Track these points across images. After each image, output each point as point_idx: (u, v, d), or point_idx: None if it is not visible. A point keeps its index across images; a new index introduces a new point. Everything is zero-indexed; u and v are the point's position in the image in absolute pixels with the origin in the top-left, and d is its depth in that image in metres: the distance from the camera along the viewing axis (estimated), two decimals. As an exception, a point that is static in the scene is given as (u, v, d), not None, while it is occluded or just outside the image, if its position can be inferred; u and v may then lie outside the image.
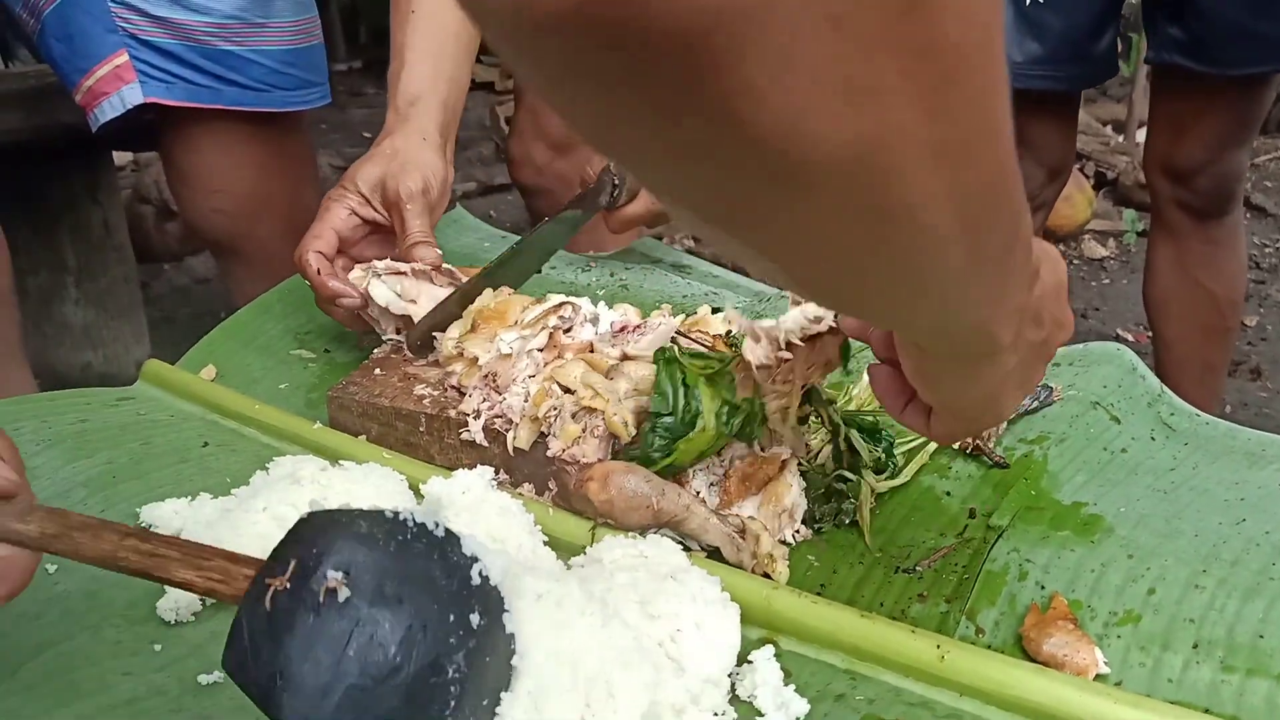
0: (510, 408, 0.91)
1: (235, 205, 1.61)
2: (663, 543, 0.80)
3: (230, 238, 1.67)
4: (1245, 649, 0.72)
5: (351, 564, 0.55)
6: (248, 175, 1.60)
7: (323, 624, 0.55)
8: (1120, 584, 0.79)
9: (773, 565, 0.80)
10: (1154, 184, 2.01)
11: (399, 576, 0.56)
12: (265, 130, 1.58)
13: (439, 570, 0.58)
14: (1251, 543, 0.81)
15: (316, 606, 0.55)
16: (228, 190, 1.60)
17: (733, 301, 1.23)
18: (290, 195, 1.64)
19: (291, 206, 1.61)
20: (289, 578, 0.56)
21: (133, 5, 1.44)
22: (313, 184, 1.72)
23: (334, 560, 0.55)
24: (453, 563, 0.58)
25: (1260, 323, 3.29)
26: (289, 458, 0.92)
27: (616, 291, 1.26)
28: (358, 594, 0.55)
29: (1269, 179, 4.31)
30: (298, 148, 1.68)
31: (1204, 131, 1.89)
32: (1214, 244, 2.01)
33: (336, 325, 1.21)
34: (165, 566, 0.63)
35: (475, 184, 4.14)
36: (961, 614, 0.79)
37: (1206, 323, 2.08)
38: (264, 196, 1.62)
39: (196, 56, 1.49)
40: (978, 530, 0.86)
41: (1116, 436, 0.95)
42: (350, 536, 0.57)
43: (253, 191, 1.61)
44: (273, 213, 1.63)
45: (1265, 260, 3.68)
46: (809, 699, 0.70)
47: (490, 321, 0.98)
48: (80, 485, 0.92)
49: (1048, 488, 0.90)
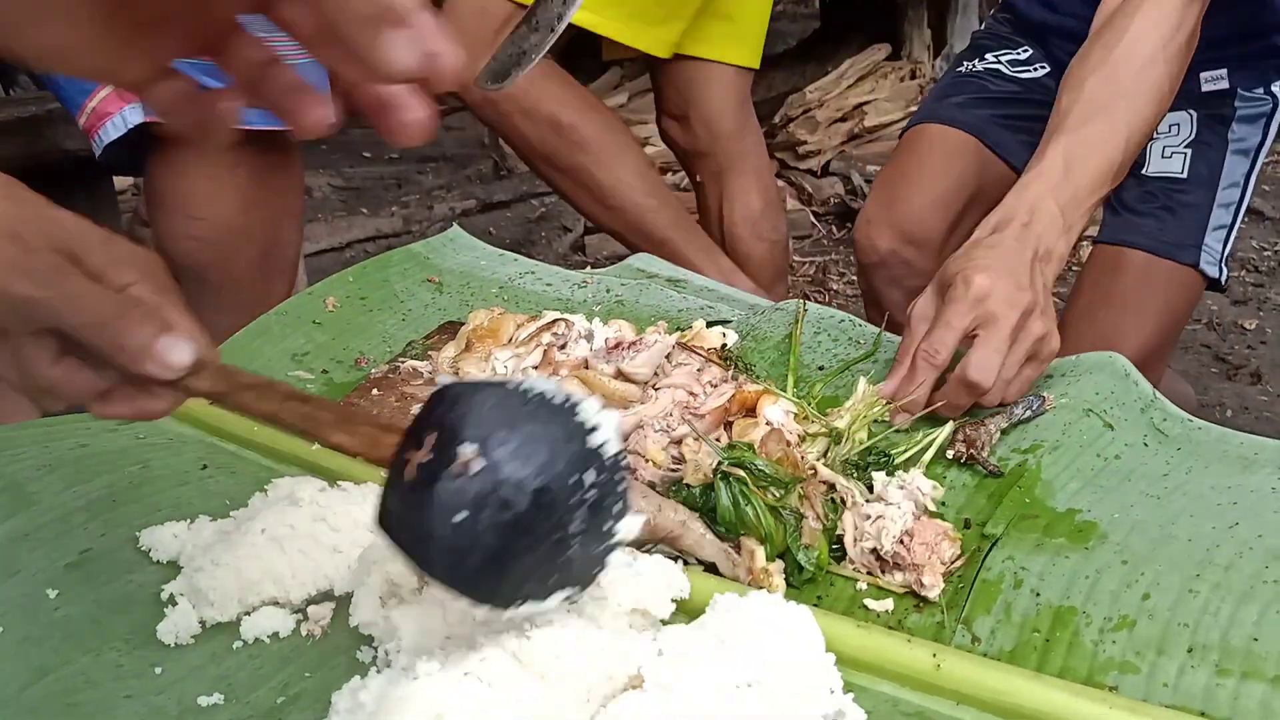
0: None
1: (213, 234, 1.56)
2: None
3: (202, 267, 1.60)
4: (1240, 652, 0.73)
5: (483, 436, 0.61)
6: (230, 204, 1.56)
7: (460, 492, 0.61)
8: (1115, 590, 0.79)
9: (768, 579, 0.81)
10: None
11: (526, 442, 0.62)
12: (255, 159, 1.56)
13: (560, 433, 0.63)
14: (1245, 547, 0.81)
15: (453, 477, 0.61)
16: (208, 218, 1.56)
17: (727, 315, 1.23)
18: (270, 229, 1.60)
19: (271, 241, 1.58)
20: (429, 450, 0.62)
21: None
22: (295, 220, 1.68)
23: (468, 433, 0.61)
24: (572, 426, 0.64)
25: (1260, 326, 3.29)
26: (287, 479, 0.92)
27: (612, 307, 1.27)
28: (489, 462, 0.61)
29: (1266, 183, 4.32)
30: (285, 180, 1.64)
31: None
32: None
33: (334, 346, 1.21)
34: (320, 427, 0.68)
35: (474, 201, 4.15)
36: (957, 623, 0.79)
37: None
38: (243, 228, 1.57)
39: (195, 72, 1.47)
40: (973, 539, 0.87)
41: (1110, 443, 0.95)
42: (481, 409, 0.62)
43: (232, 222, 1.56)
44: (250, 245, 1.58)
45: (1264, 264, 3.68)
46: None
47: (484, 340, 0.99)
48: (80, 509, 0.92)
49: (1042, 496, 0.90)
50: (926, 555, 0.82)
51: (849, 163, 4.40)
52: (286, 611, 0.81)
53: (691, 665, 0.67)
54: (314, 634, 0.80)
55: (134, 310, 0.68)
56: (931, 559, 0.82)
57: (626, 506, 0.66)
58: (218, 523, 0.88)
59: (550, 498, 0.63)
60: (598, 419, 0.65)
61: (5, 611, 0.80)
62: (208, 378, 0.69)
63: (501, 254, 1.44)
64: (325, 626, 0.80)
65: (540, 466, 0.62)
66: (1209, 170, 1.75)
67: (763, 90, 4.77)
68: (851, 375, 1.08)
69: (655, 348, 0.97)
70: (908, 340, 1.03)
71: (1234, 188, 1.77)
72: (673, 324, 1.17)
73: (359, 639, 0.78)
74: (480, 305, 1.24)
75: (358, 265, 1.37)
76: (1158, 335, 1.71)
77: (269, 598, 0.81)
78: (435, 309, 1.29)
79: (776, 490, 0.84)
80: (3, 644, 0.77)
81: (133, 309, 0.68)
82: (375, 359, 1.19)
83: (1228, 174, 1.76)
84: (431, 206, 4.01)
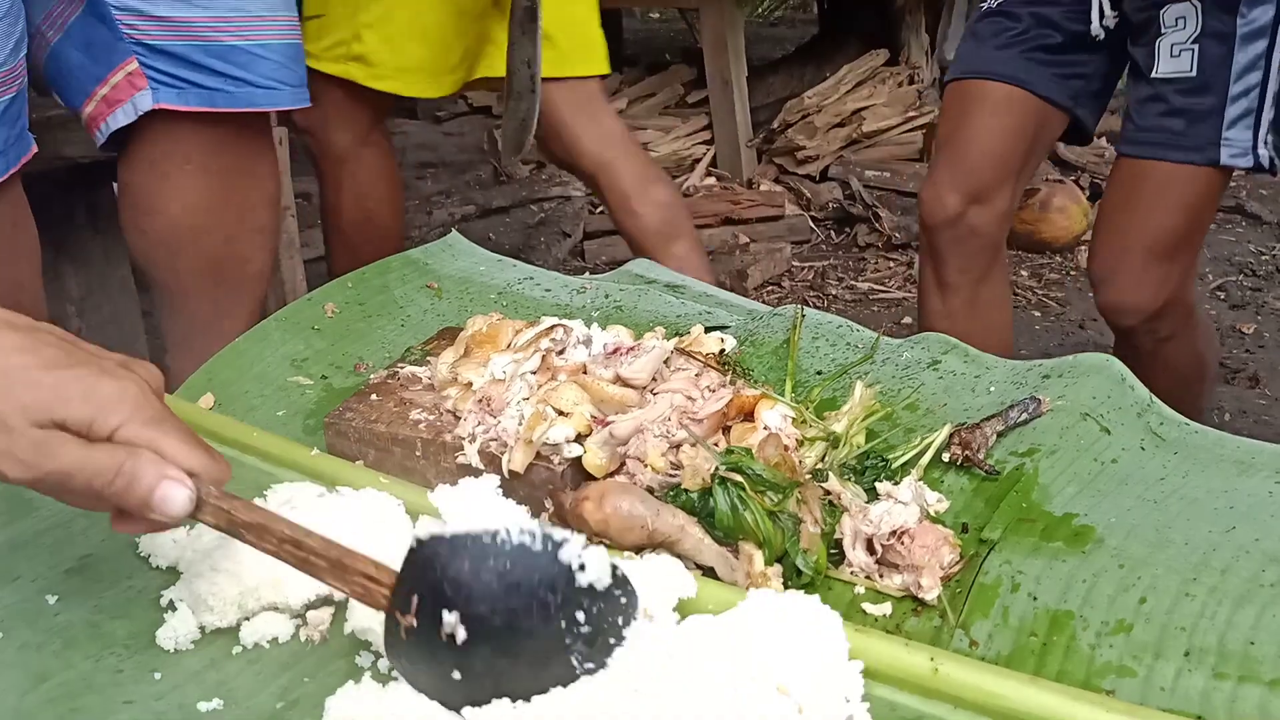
0: (505, 430, 0.92)
1: (159, 231, 1.51)
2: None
3: (150, 265, 1.57)
4: (1237, 656, 0.73)
5: (464, 601, 0.66)
6: (180, 203, 1.50)
7: (450, 654, 0.67)
8: (1112, 594, 0.79)
9: (766, 584, 0.81)
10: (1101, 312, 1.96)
11: (506, 599, 0.66)
12: (215, 158, 1.50)
13: (543, 580, 0.67)
14: (1242, 550, 0.81)
15: (440, 642, 0.66)
16: (155, 214, 1.52)
17: (726, 320, 1.24)
18: (222, 236, 1.52)
19: (222, 249, 1.52)
20: (414, 615, 0.68)
21: (134, 9, 1.41)
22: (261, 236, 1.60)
23: (448, 600, 0.66)
24: (557, 571, 0.67)
25: (1258, 330, 3.29)
26: (286, 485, 0.93)
27: (611, 313, 1.27)
28: (471, 630, 0.66)
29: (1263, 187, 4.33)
30: (250, 189, 1.57)
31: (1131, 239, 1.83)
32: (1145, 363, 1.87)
33: (333, 351, 1.22)
34: (317, 572, 0.74)
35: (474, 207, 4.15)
36: (955, 627, 0.80)
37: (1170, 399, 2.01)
38: (189, 230, 1.51)
39: (203, 56, 1.44)
40: (970, 544, 0.87)
41: (1107, 447, 0.96)
42: (461, 570, 0.66)
43: (178, 221, 1.51)
44: (196, 250, 1.52)
45: (1262, 268, 3.69)
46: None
47: (483, 346, 0.99)
48: (80, 515, 0.93)
49: (1039, 500, 0.91)
50: (926, 558, 0.82)
51: (847, 168, 4.41)
52: (286, 617, 0.81)
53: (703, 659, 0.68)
54: (313, 639, 0.80)
55: (127, 463, 0.71)
56: (931, 562, 0.82)
57: (630, 622, 0.70)
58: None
59: (540, 643, 0.67)
60: (583, 558, 0.67)
61: (5, 617, 0.81)
62: (209, 512, 0.74)
63: (500, 260, 1.45)
64: (324, 632, 0.80)
65: (528, 621, 0.66)
66: (1219, 63, 1.72)
67: (761, 95, 4.78)
68: (849, 380, 1.08)
69: (654, 353, 0.97)
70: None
71: (1253, 71, 1.73)
72: (671, 329, 1.17)
73: (357, 644, 0.78)
74: (479, 311, 1.25)
75: (357, 271, 1.37)
76: (1177, 233, 1.79)
77: (268, 603, 0.81)
78: (434, 315, 1.29)
79: (774, 495, 0.85)
80: (2, 650, 0.78)
81: (125, 462, 0.71)
82: (374, 364, 1.19)
83: (1240, 62, 1.73)
84: (430, 212, 4.01)
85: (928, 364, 1.11)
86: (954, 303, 1.98)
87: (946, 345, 1.13)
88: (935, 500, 0.90)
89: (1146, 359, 1.93)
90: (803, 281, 3.80)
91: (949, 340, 1.14)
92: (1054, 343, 3.24)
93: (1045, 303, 3.50)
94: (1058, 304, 3.58)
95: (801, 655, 0.69)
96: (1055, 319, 3.47)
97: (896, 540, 0.84)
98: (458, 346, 1.01)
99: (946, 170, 1.93)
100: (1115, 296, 1.87)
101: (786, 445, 0.89)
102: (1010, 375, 1.07)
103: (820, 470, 0.92)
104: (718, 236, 4.05)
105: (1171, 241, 1.80)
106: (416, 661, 0.69)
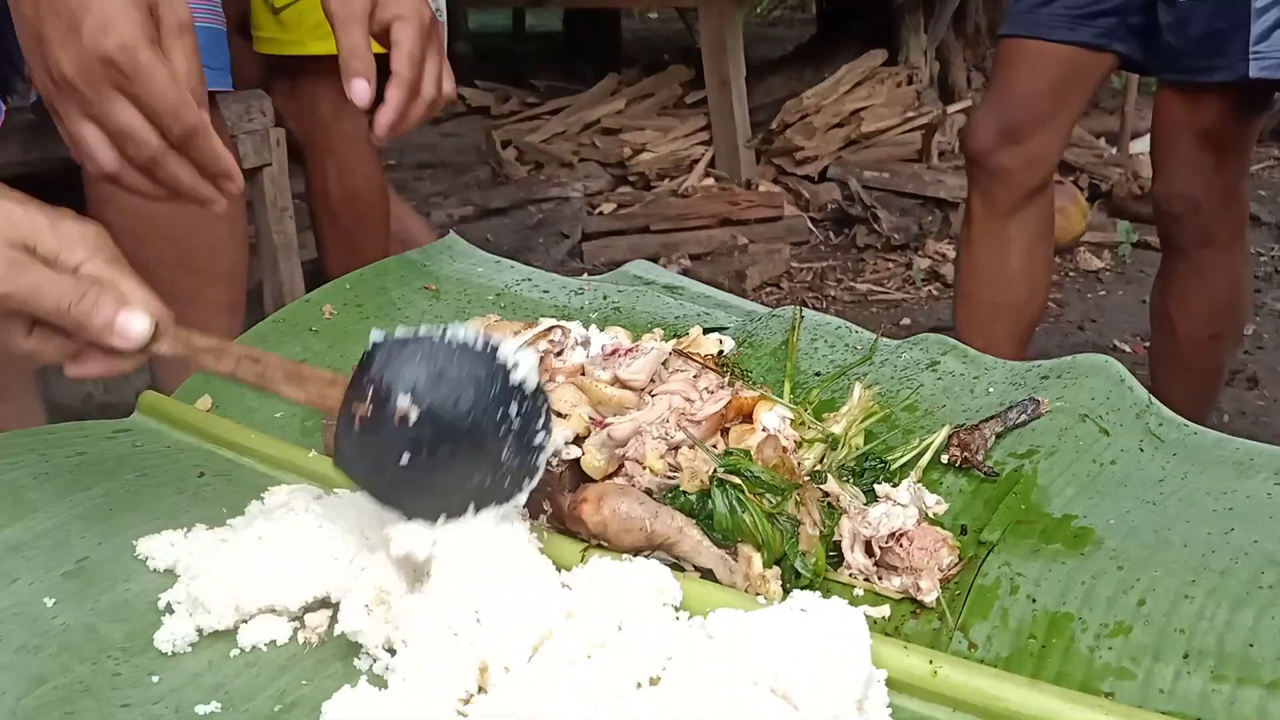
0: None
1: (125, 222, 1.48)
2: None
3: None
4: (1236, 658, 0.73)
5: (416, 387, 0.74)
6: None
7: (401, 438, 0.74)
8: (1111, 596, 0.79)
9: (765, 586, 0.81)
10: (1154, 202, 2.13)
11: (453, 388, 0.74)
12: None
13: (483, 375, 0.75)
14: (1240, 552, 0.81)
15: (394, 427, 0.73)
16: (119, 203, 1.47)
17: (724, 321, 1.23)
18: (190, 226, 1.50)
19: (190, 240, 1.50)
20: (369, 403, 0.74)
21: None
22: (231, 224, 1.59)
23: (403, 385, 0.74)
24: (494, 368, 0.76)
25: (1257, 332, 3.29)
26: (284, 487, 0.93)
27: (609, 314, 1.27)
28: (423, 410, 0.73)
29: (1264, 187, 4.33)
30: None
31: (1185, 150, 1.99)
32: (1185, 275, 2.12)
33: (331, 353, 1.21)
34: (273, 383, 0.80)
35: (472, 208, 4.15)
36: (954, 629, 0.80)
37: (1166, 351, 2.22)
38: (150, 218, 1.49)
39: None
40: (969, 546, 0.87)
41: (1105, 449, 0.96)
42: (413, 361, 0.75)
43: (138, 210, 1.47)
44: (163, 240, 1.49)
45: (1261, 269, 3.69)
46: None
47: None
48: (77, 518, 0.93)
49: (1038, 501, 0.90)
50: (925, 560, 0.82)
51: (846, 168, 4.41)
52: (284, 619, 0.81)
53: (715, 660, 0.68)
54: (311, 642, 0.80)
55: (91, 290, 0.76)
56: (929, 564, 0.82)
57: (549, 427, 0.79)
58: (214, 530, 0.88)
59: (479, 432, 0.75)
60: (516, 358, 0.76)
61: (2, 620, 0.80)
62: (167, 341, 0.79)
63: (498, 261, 1.45)
64: (322, 634, 0.80)
65: (468, 408, 0.75)
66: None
67: (760, 96, 4.78)
68: (848, 381, 1.08)
69: (651, 354, 0.97)
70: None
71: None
72: (669, 330, 1.17)
73: (355, 647, 0.78)
74: (477, 312, 1.25)
75: (355, 273, 1.37)
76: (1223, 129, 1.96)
77: (265, 605, 0.81)
78: (432, 316, 1.29)
79: (773, 497, 0.84)
80: (0, 653, 0.77)
81: (89, 288, 0.76)
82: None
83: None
84: (429, 213, 4.01)
85: (926, 365, 1.11)
86: (973, 232, 2.19)
87: (945, 346, 1.13)
88: (934, 502, 0.90)
89: (1185, 273, 2.11)
90: (801, 282, 3.80)
91: (947, 341, 1.14)
92: (1053, 344, 3.24)
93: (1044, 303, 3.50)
94: (1056, 305, 3.58)
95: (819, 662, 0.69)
96: (1054, 320, 3.47)
97: (895, 542, 0.84)
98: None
99: (987, 109, 2.20)
100: (1166, 184, 2.06)
101: (785, 447, 0.89)
102: (1009, 376, 1.07)
103: (819, 472, 0.91)
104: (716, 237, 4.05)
105: (1223, 133, 1.96)
106: (366, 450, 0.76)
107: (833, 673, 0.68)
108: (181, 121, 0.85)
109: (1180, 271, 2.13)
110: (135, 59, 0.83)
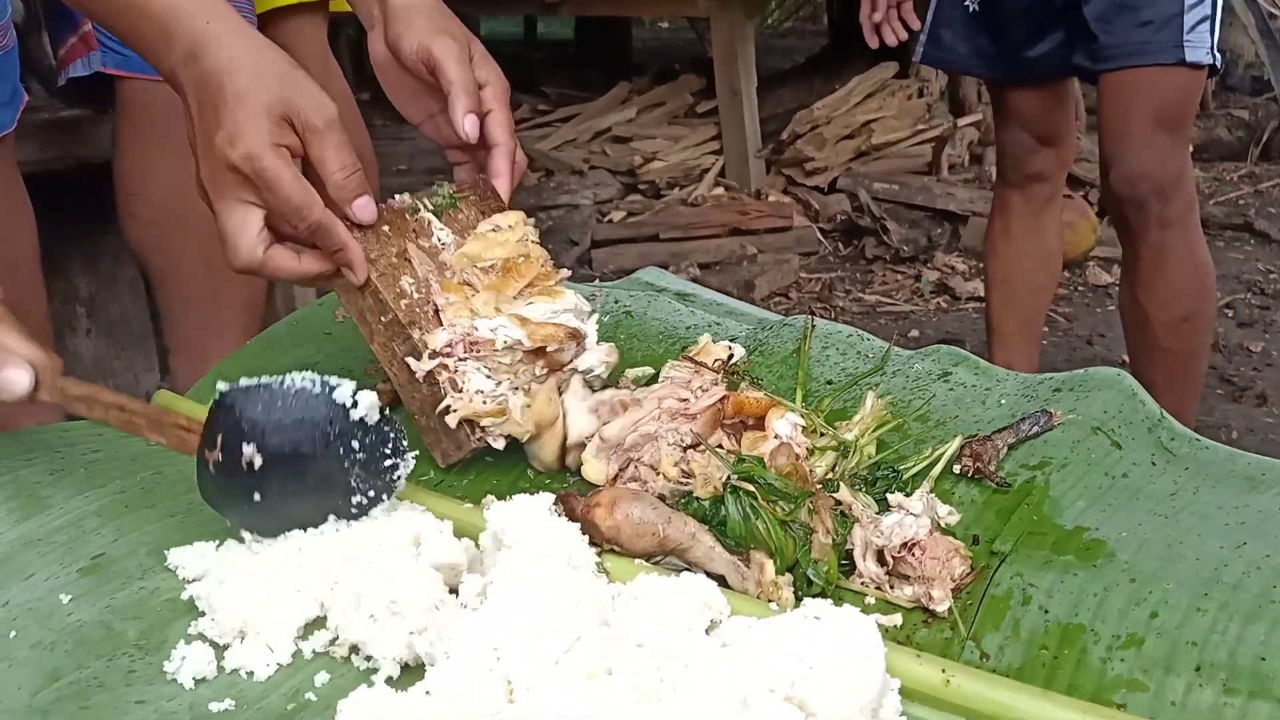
0: (468, 382, 0.94)
1: (148, 214, 1.50)
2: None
3: (144, 252, 1.55)
4: (1247, 671, 0.73)
5: (261, 434, 0.82)
6: (166, 182, 1.48)
7: (250, 480, 0.82)
8: (1123, 608, 0.80)
9: (777, 593, 0.81)
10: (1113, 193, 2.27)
11: (293, 431, 0.83)
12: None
13: (321, 416, 0.83)
14: (1252, 566, 0.81)
15: (242, 469, 0.82)
16: (142, 195, 1.51)
17: (735, 330, 1.24)
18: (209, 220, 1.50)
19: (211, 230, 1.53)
20: (219, 450, 0.83)
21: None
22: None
23: (247, 434, 0.82)
24: (334, 409, 0.83)
25: (1265, 349, 3.29)
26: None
27: (620, 319, 1.27)
28: (267, 456, 0.82)
29: (1272, 205, 4.33)
30: None
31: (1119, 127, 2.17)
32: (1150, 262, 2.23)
33: (344, 356, 1.22)
34: (138, 429, 0.91)
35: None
36: (966, 639, 0.80)
37: (1142, 340, 2.30)
38: (177, 211, 1.49)
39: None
40: (981, 556, 0.87)
41: (1117, 462, 0.96)
42: (255, 411, 0.83)
43: (166, 203, 1.49)
44: (187, 232, 1.50)
45: (1270, 286, 3.69)
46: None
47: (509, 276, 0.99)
48: (93, 514, 0.93)
49: (1050, 513, 0.91)
50: (937, 569, 0.82)
51: (856, 180, 4.41)
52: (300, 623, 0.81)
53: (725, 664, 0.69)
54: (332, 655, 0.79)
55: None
56: (942, 573, 0.82)
57: (401, 450, 0.85)
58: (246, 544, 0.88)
59: (324, 466, 0.83)
60: (355, 398, 0.83)
61: (18, 616, 0.81)
62: (45, 390, 0.87)
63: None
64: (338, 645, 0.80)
65: (309, 448, 0.83)
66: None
67: (771, 107, 4.79)
68: (860, 390, 1.09)
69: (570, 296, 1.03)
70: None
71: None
72: (679, 338, 1.18)
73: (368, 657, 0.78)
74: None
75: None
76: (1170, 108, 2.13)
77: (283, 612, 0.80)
78: (445, 320, 1.29)
79: (786, 504, 0.85)
80: (15, 648, 0.78)
81: None
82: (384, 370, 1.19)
83: None
84: (439, 218, 4.02)
85: (939, 376, 1.11)
86: (1013, 225, 2.49)
87: (957, 358, 1.14)
88: (946, 512, 0.91)
89: (1150, 259, 2.22)
90: (810, 293, 3.80)
91: (959, 353, 1.14)
92: (1061, 358, 3.24)
93: (1053, 318, 3.49)
94: (1065, 319, 3.58)
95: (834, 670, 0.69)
96: (1063, 334, 3.47)
97: (907, 552, 0.84)
98: (486, 243, 1.01)
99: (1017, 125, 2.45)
100: (1124, 168, 2.17)
101: (797, 454, 0.89)
102: (1021, 388, 1.07)
103: (831, 480, 0.92)
104: (725, 247, 4.05)
105: (1169, 113, 2.13)
106: (222, 490, 0.84)
107: (848, 681, 0.68)
108: (305, 220, 0.92)
109: (1145, 259, 2.23)
110: (257, 167, 0.89)
